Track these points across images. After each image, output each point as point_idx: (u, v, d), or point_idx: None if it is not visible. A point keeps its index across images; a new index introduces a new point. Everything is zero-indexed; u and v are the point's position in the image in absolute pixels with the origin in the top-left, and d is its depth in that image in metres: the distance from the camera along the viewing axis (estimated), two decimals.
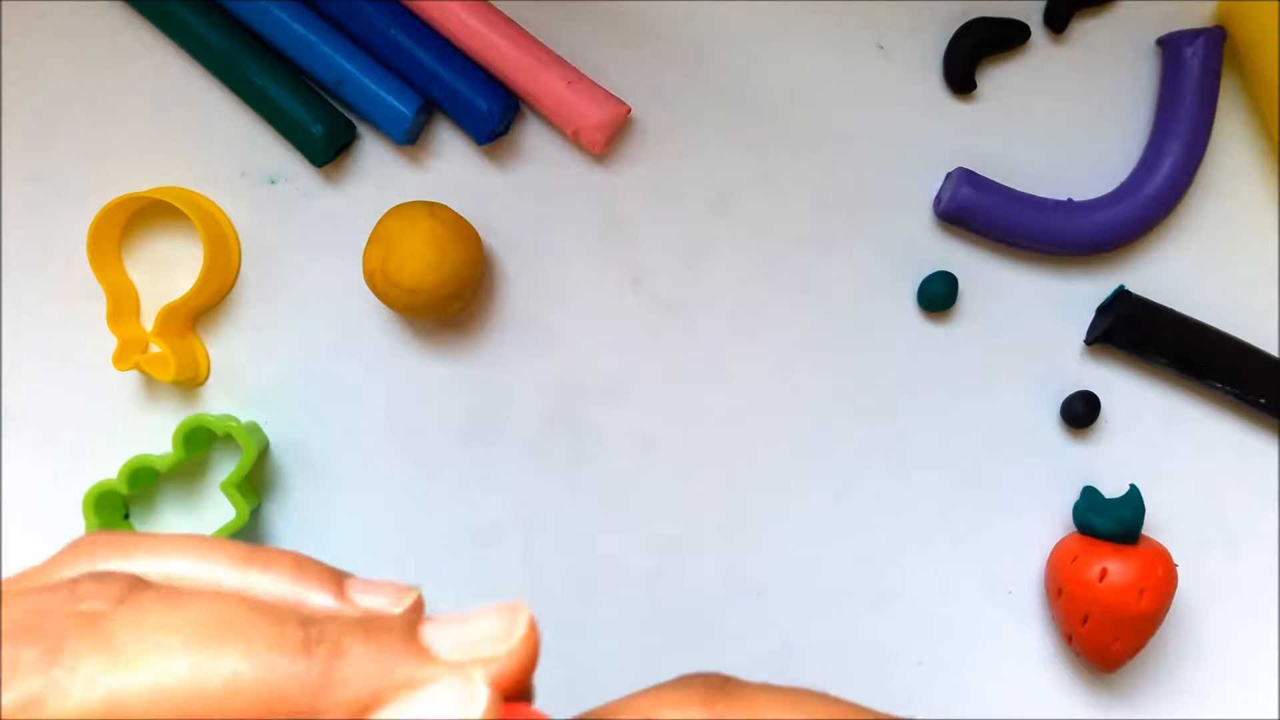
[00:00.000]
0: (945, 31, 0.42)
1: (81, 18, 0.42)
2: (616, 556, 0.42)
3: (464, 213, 0.41)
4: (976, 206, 0.40)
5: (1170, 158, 0.40)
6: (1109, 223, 0.41)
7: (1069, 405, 0.41)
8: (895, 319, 0.42)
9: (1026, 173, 0.42)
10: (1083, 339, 0.42)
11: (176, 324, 0.42)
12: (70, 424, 0.42)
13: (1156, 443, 0.42)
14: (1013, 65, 0.42)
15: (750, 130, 0.42)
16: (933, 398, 0.42)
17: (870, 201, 0.42)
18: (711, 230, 0.42)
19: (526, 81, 0.40)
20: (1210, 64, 0.40)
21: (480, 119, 0.40)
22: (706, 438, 0.42)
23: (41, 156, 0.43)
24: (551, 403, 0.42)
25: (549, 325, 0.42)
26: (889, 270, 0.42)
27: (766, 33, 0.42)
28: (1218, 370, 0.41)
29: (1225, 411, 0.42)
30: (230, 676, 0.16)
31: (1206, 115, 0.40)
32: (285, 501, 0.42)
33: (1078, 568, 0.39)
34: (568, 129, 0.41)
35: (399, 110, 0.40)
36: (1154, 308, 0.41)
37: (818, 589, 0.42)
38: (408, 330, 0.42)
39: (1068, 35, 0.42)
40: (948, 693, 0.42)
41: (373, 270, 0.39)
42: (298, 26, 0.40)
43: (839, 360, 0.42)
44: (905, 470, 0.42)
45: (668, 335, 0.42)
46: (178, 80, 0.42)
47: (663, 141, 0.42)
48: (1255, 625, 0.42)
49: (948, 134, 0.42)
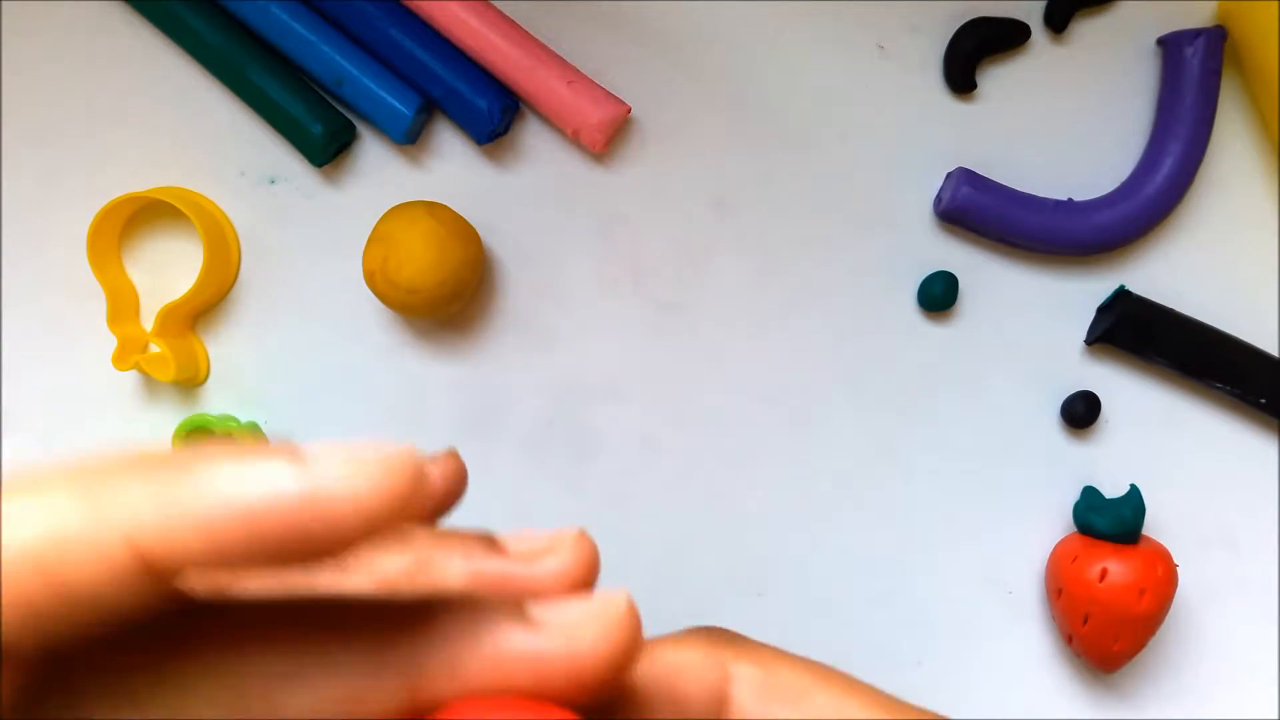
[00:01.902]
0: (945, 31, 0.42)
1: (81, 18, 0.42)
2: (616, 557, 0.42)
3: (464, 213, 0.41)
4: (976, 206, 0.40)
5: (1170, 158, 0.40)
6: (1109, 223, 0.41)
7: (1069, 405, 0.41)
8: (895, 319, 0.42)
9: (1026, 173, 0.42)
10: (1083, 339, 0.42)
11: (176, 324, 0.42)
12: (70, 424, 0.42)
13: (1156, 443, 0.42)
14: (1013, 65, 0.42)
15: (750, 130, 0.42)
16: (933, 397, 0.42)
17: (870, 201, 0.42)
18: (711, 230, 0.42)
19: (526, 81, 0.40)
20: (1210, 64, 0.40)
21: (480, 119, 0.40)
22: (706, 438, 0.42)
23: (41, 156, 0.43)
24: (551, 403, 0.42)
25: (549, 325, 0.42)
26: (889, 270, 0.42)
27: (766, 33, 0.42)
28: (1218, 370, 0.41)
29: (1225, 411, 0.42)
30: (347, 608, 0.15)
31: (1206, 115, 0.40)
32: None
33: (1078, 568, 0.39)
34: (568, 129, 0.41)
35: (399, 110, 0.40)
36: (1154, 308, 0.41)
37: (818, 589, 0.42)
38: (408, 330, 0.42)
39: (1068, 35, 0.42)
40: (948, 693, 0.42)
41: (373, 270, 0.39)
42: (298, 26, 0.40)
43: (839, 360, 0.42)
44: (905, 470, 0.42)
45: (668, 335, 0.42)
46: (178, 80, 0.42)
47: (663, 141, 0.42)
48: (1255, 625, 0.42)
49: (948, 134, 0.42)
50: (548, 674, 0.15)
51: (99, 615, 0.14)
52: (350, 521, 0.13)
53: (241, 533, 0.13)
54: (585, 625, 0.16)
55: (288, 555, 0.14)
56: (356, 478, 0.13)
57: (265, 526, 0.13)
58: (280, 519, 0.13)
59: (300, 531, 0.13)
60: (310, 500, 0.13)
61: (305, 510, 0.13)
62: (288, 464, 0.14)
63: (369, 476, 0.13)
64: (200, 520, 0.13)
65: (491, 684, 0.15)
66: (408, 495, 0.14)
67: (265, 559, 0.14)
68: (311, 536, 0.13)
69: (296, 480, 0.13)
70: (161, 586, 0.14)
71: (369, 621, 0.15)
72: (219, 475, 0.14)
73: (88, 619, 0.14)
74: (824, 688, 0.19)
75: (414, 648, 0.15)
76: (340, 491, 0.13)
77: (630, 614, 0.16)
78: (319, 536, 0.13)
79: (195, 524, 0.13)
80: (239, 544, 0.13)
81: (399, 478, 0.14)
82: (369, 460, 0.14)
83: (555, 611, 0.16)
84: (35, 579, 0.14)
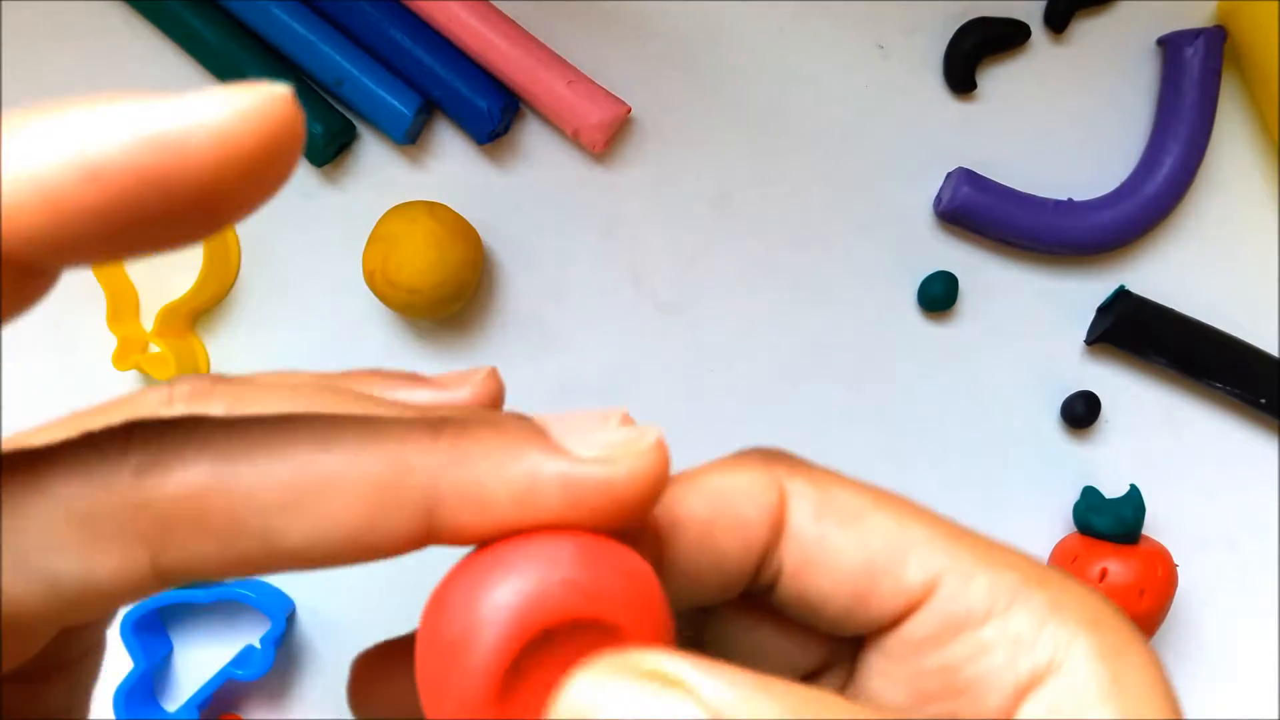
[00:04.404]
0: (945, 31, 0.42)
1: (81, 18, 0.42)
2: None
3: (464, 213, 0.41)
4: (976, 206, 0.40)
5: (1170, 158, 0.40)
6: (1109, 223, 0.41)
7: (1069, 405, 0.41)
8: (895, 319, 0.42)
9: (1026, 173, 0.42)
10: (1083, 339, 0.42)
11: (176, 324, 0.42)
12: None
13: (1156, 443, 0.42)
14: (1013, 65, 0.42)
15: (750, 130, 0.42)
16: (933, 398, 0.42)
17: (870, 201, 0.42)
18: (711, 230, 0.42)
19: (526, 81, 0.40)
20: (1210, 64, 0.40)
21: (480, 119, 0.40)
22: (707, 438, 0.42)
23: None
24: (552, 403, 0.42)
25: (549, 325, 0.42)
26: (889, 270, 0.42)
27: (766, 33, 0.42)
28: (1218, 370, 0.41)
29: (1225, 411, 0.42)
30: (362, 421, 0.14)
31: (1206, 115, 0.40)
32: None
33: (1078, 568, 0.39)
34: (568, 129, 0.41)
35: (399, 110, 0.40)
36: (1154, 308, 0.41)
37: None
38: (408, 330, 0.42)
39: (1068, 35, 0.42)
40: None
41: (373, 270, 0.39)
42: (298, 26, 0.40)
43: (839, 360, 0.42)
44: (906, 470, 0.42)
45: (668, 335, 0.42)
46: (178, 80, 0.42)
47: (663, 141, 0.42)
48: (1255, 625, 0.42)
49: (948, 134, 0.42)
50: (580, 499, 0.15)
51: None
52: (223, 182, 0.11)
53: (81, 185, 0.11)
54: (618, 451, 0.15)
55: (144, 206, 0.11)
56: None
57: (109, 173, 0.11)
58: (127, 160, 0.11)
59: (156, 172, 0.11)
60: (159, 140, 0.12)
61: (155, 148, 0.12)
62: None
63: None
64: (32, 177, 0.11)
65: (518, 510, 0.14)
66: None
67: (118, 216, 0.11)
68: (165, 177, 0.11)
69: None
70: (15, 269, 0.12)
71: (373, 443, 0.14)
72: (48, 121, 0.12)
73: None
74: (881, 509, 0.19)
75: (435, 463, 0.14)
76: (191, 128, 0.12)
77: (661, 444, 0.15)
78: (174, 176, 0.11)
79: (29, 182, 0.11)
80: (94, 215, 0.11)
81: None
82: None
83: (585, 438, 0.15)
84: None
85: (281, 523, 0.14)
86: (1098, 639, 0.18)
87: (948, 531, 0.19)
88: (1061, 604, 0.18)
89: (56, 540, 0.13)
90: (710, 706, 0.13)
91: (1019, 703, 0.17)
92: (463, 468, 0.14)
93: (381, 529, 0.14)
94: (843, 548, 0.18)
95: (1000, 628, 0.17)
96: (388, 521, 0.14)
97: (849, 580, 0.18)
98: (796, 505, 0.19)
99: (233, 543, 0.14)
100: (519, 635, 0.14)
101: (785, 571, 0.18)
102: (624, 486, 0.15)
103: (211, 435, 0.14)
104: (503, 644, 0.14)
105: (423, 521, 0.14)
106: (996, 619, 0.17)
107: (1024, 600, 0.18)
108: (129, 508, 0.13)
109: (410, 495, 0.14)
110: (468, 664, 0.14)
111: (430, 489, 0.14)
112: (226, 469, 0.14)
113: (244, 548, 0.14)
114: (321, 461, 0.14)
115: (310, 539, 0.14)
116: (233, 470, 0.14)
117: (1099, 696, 0.17)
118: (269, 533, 0.14)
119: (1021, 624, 0.17)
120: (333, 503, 0.14)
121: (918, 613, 0.18)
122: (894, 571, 0.18)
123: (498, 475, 0.14)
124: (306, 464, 0.14)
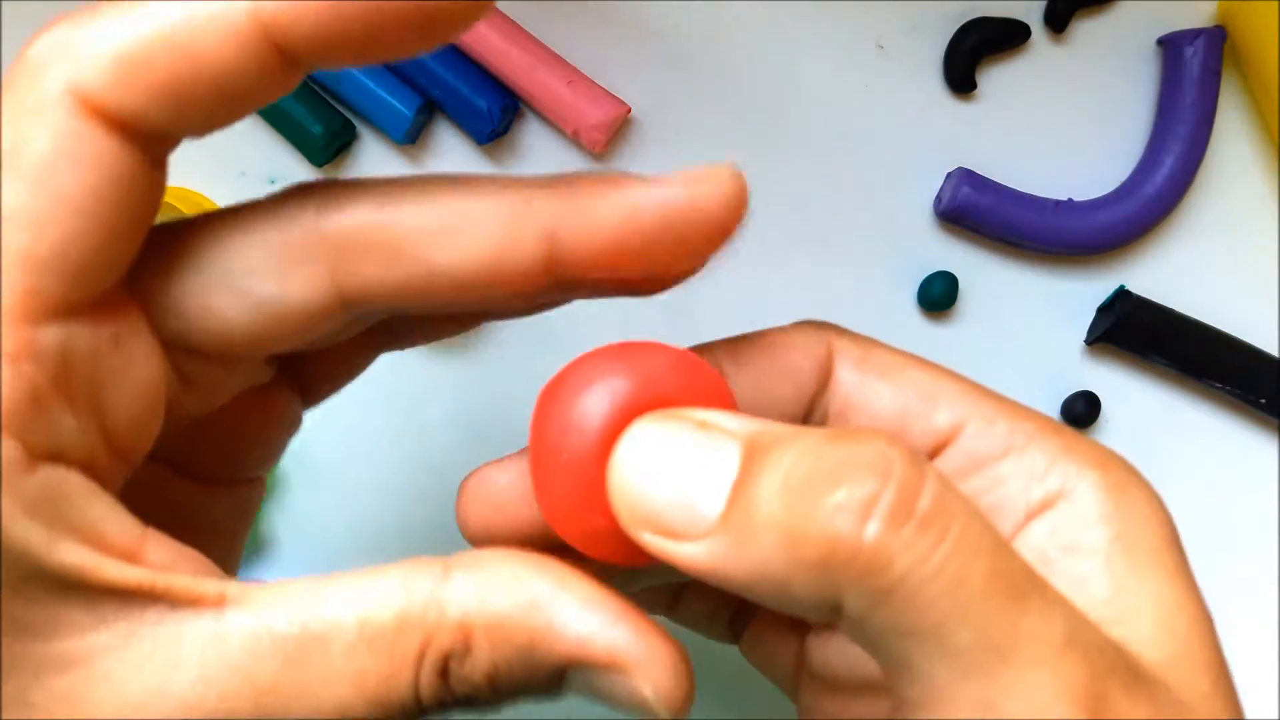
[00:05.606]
0: (945, 31, 0.42)
1: None
2: None
3: None
4: (976, 206, 0.40)
5: (1170, 158, 0.40)
6: (1109, 223, 0.41)
7: (1069, 405, 0.41)
8: (895, 319, 0.42)
9: (1026, 173, 0.42)
10: (1083, 339, 0.42)
11: None
12: None
13: (1156, 443, 0.42)
14: (1013, 65, 0.42)
15: (750, 130, 0.42)
16: None
17: (870, 201, 0.42)
18: None
19: (526, 81, 0.40)
20: (1210, 64, 0.40)
21: (480, 119, 0.40)
22: None
23: None
24: None
25: (549, 325, 0.42)
26: (889, 270, 0.42)
27: (767, 33, 0.42)
28: (1218, 370, 0.41)
29: (1225, 411, 0.42)
30: (492, 178, 0.18)
31: (1206, 115, 0.40)
32: (285, 501, 0.42)
33: None
34: (568, 129, 0.41)
35: (399, 110, 0.40)
36: (1154, 308, 0.41)
37: None
38: None
39: (1068, 35, 0.42)
40: None
41: None
42: None
43: None
44: None
45: (668, 335, 0.42)
46: None
47: (663, 141, 0.42)
48: (1255, 625, 0.42)
49: (948, 134, 0.42)
50: (673, 218, 0.18)
51: (227, 90, 0.16)
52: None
53: (361, 8, 0.15)
54: (704, 180, 0.19)
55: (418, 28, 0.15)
56: None
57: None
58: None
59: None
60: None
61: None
62: None
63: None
64: None
65: (624, 231, 0.18)
66: None
67: (381, 32, 0.15)
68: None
69: None
70: (284, 58, 0.15)
71: (502, 190, 0.17)
72: None
73: (217, 94, 0.16)
74: (917, 366, 0.22)
75: (552, 200, 0.17)
76: None
77: (738, 172, 0.19)
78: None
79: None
80: (359, 15, 0.15)
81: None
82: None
83: (675, 175, 0.18)
84: (167, 53, 0.16)
85: (432, 249, 0.17)
86: (1104, 476, 0.20)
87: (975, 388, 0.21)
88: (1073, 448, 0.20)
89: (257, 265, 0.17)
90: (746, 440, 0.16)
91: (1026, 524, 0.19)
92: (576, 201, 0.17)
93: (513, 255, 0.17)
94: (881, 394, 0.21)
95: (1017, 462, 0.20)
96: (517, 248, 0.17)
97: (884, 422, 0.21)
98: (843, 359, 0.22)
99: (396, 265, 0.17)
100: (622, 416, 0.17)
101: (829, 416, 0.21)
102: (708, 204, 0.18)
103: (375, 186, 0.17)
104: (607, 424, 0.17)
105: (546, 247, 0.17)
106: (1014, 455, 0.20)
107: (1040, 442, 0.20)
108: (313, 237, 0.17)
109: (534, 224, 0.17)
110: (579, 443, 0.17)
111: (550, 219, 0.17)
112: (388, 207, 0.17)
113: (405, 270, 0.17)
114: (462, 201, 0.17)
115: (457, 261, 0.17)
116: (393, 208, 0.17)
117: (1097, 519, 0.19)
118: (422, 258, 0.17)
119: (1036, 460, 0.20)
120: (473, 231, 0.17)
121: (944, 452, 0.20)
122: (925, 414, 0.21)
123: (605, 203, 0.17)
124: (450, 203, 0.17)
